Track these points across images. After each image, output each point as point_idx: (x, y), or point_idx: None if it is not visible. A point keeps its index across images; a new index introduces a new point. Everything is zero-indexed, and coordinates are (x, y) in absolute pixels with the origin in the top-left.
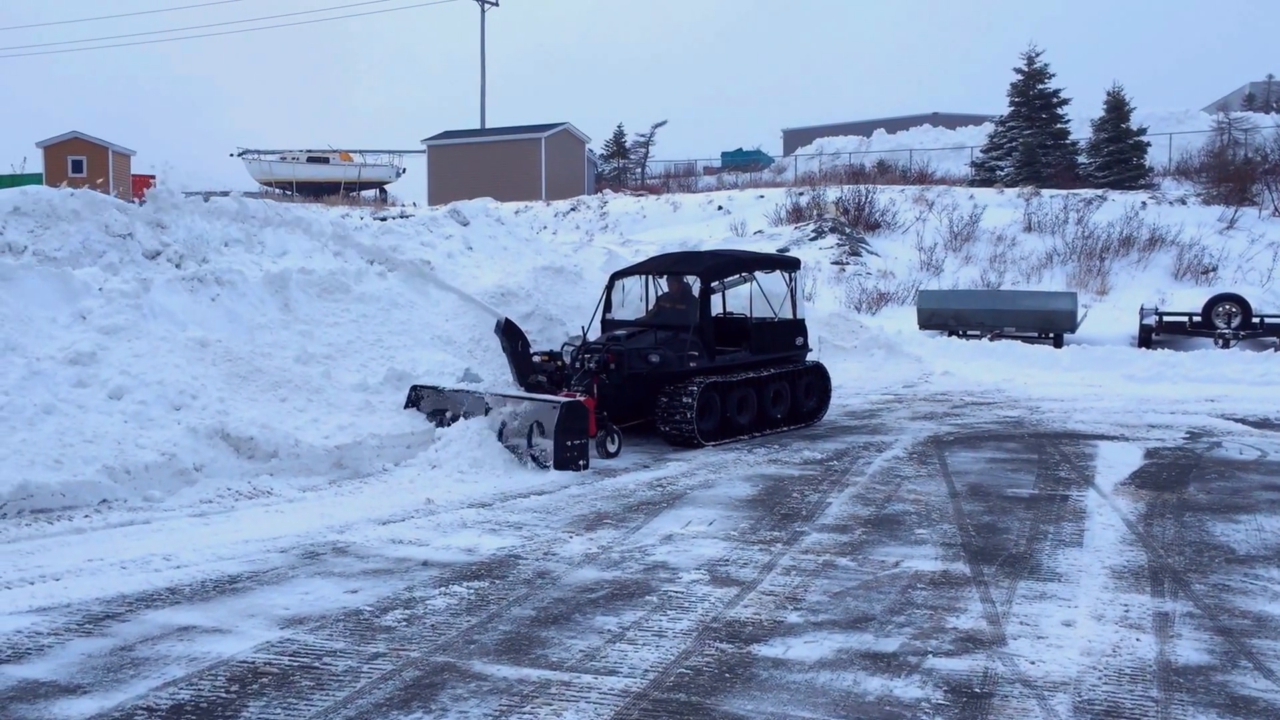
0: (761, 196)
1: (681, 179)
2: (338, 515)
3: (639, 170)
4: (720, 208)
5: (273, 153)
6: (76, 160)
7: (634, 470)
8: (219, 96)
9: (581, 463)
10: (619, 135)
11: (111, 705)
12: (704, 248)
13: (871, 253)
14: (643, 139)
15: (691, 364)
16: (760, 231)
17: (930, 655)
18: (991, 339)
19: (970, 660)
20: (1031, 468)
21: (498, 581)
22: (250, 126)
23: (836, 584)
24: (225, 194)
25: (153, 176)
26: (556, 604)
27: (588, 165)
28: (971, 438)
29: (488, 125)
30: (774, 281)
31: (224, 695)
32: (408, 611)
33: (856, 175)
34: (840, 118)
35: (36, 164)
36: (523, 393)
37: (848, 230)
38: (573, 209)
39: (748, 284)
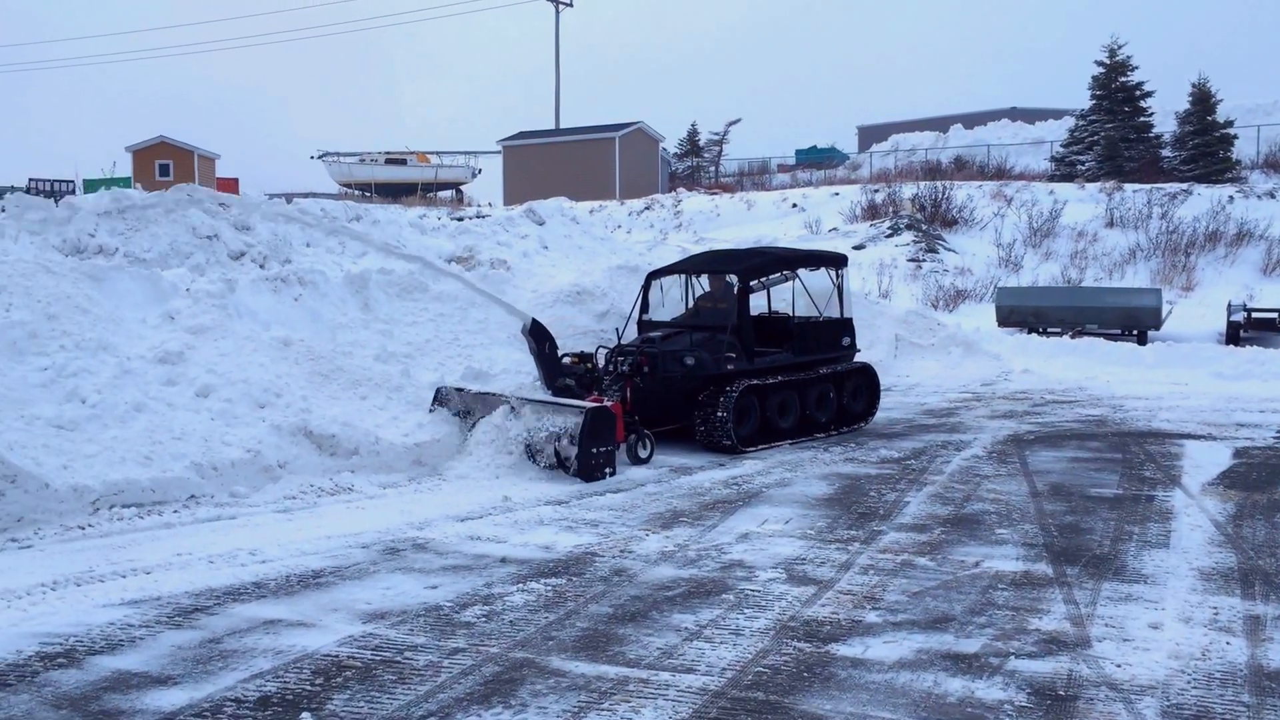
0: (836, 194)
1: (755, 177)
2: (417, 512)
3: (713, 168)
4: (795, 205)
5: (352, 155)
6: (164, 164)
7: (709, 468)
8: (300, 100)
9: (608, 470)
10: (693, 134)
11: (201, 696)
12: (770, 245)
13: (948, 249)
14: (716, 137)
15: (729, 366)
16: (835, 229)
17: (1013, 657)
18: (1073, 336)
19: (1054, 662)
20: (1115, 467)
21: (575, 579)
22: (330, 129)
23: (915, 584)
24: (307, 196)
25: (236, 180)
26: (633, 601)
27: (662, 164)
28: (1053, 436)
29: (562, 125)
30: (820, 279)
31: (309, 688)
32: (487, 608)
33: (933, 171)
34: (916, 113)
35: (125, 168)
36: (548, 397)
37: (924, 227)
38: (647, 208)
39: (794, 282)
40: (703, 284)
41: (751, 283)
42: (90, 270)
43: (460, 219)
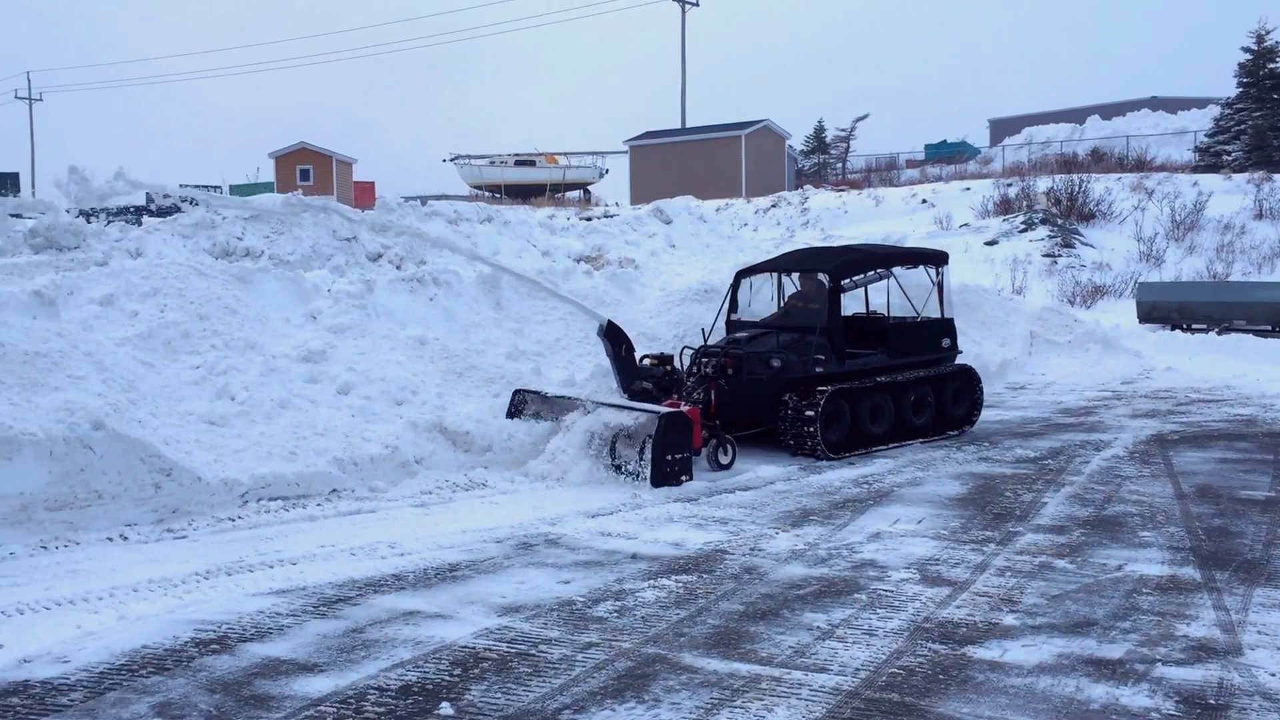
0: (967, 189)
1: (883, 173)
2: (548, 508)
3: (840, 165)
4: (924, 201)
5: (482, 157)
6: (304, 169)
7: (839, 467)
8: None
9: (684, 478)
10: (819, 130)
11: (345, 684)
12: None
13: (1085, 244)
14: (843, 133)
15: (818, 369)
16: (966, 224)
17: (1159, 663)
18: (1219, 333)
19: (1203, 670)
20: (1266, 469)
21: (705, 576)
22: (462, 132)
23: (1055, 586)
24: (440, 198)
25: (373, 183)
26: (764, 599)
27: (788, 161)
28: (1199, 436)
29: (688, 124)
30: (920, 278)
31: (448, 678)
32: (618, 603)
33: (1068, 164)
34: (1050, 105)
35: (269, 173)
36: (623, 401)
37: (1060, 221)
38: (773, 205)
39: (894, 280)
40: (794, 283)
41: (843, 282)
42: (238, 272)
43: (588, 219)
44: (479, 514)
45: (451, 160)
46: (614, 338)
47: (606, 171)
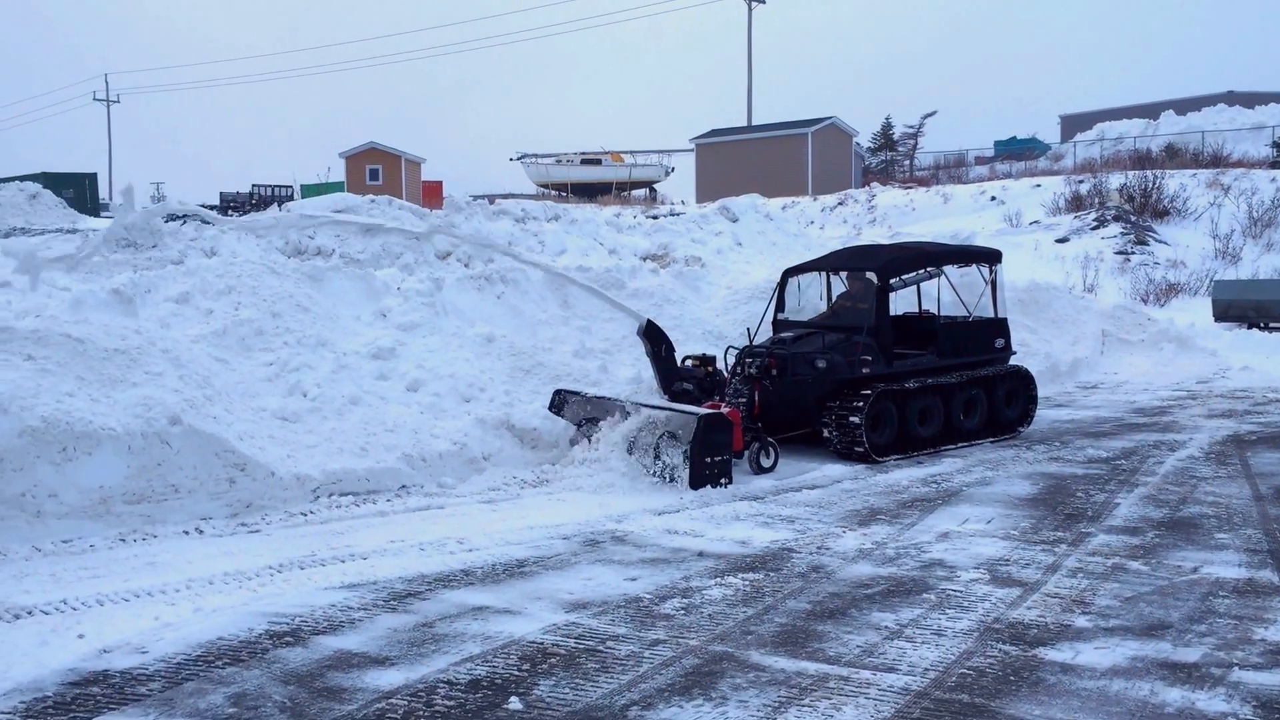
0: (1038, 185)
1: (952, 170)
2: (615, 505)
3: (907, 162)
4: (993, 198)
5: (549, 156)
6: (373, 169)
7: (906, 466)
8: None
9: (724, 481)
10: (887, 127)
11: (416, 678)
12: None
13: (1159, 241)
14: (911, 130)
15: (864, 370)
16: (1036, 221)
17: (1237, 668)
18: None
19: None
20: None
21: (772, 574)
22: (528, 131)
23: (1128, 588)
24: (507, 197)
25: (440, 182)
26: (832, 598)
27: (855, 159)
28: (1277, 437)
29: (754, 122)
30: (973, 277)
31: (516, 673)
32: (685, 600)
33: (1142, 160)
34: (1123, 100)
35: (339, 173)
36: (662, 402)
37: (1133, 218)
38: (840, 203)
39: (948, 279)
40: (843, 282)
41: (892, 280)
42: (310, 271)
43: (654, 217)
44: (546, 511)
45: (518, 159)
46: (653, 337)
47: (672, 170)
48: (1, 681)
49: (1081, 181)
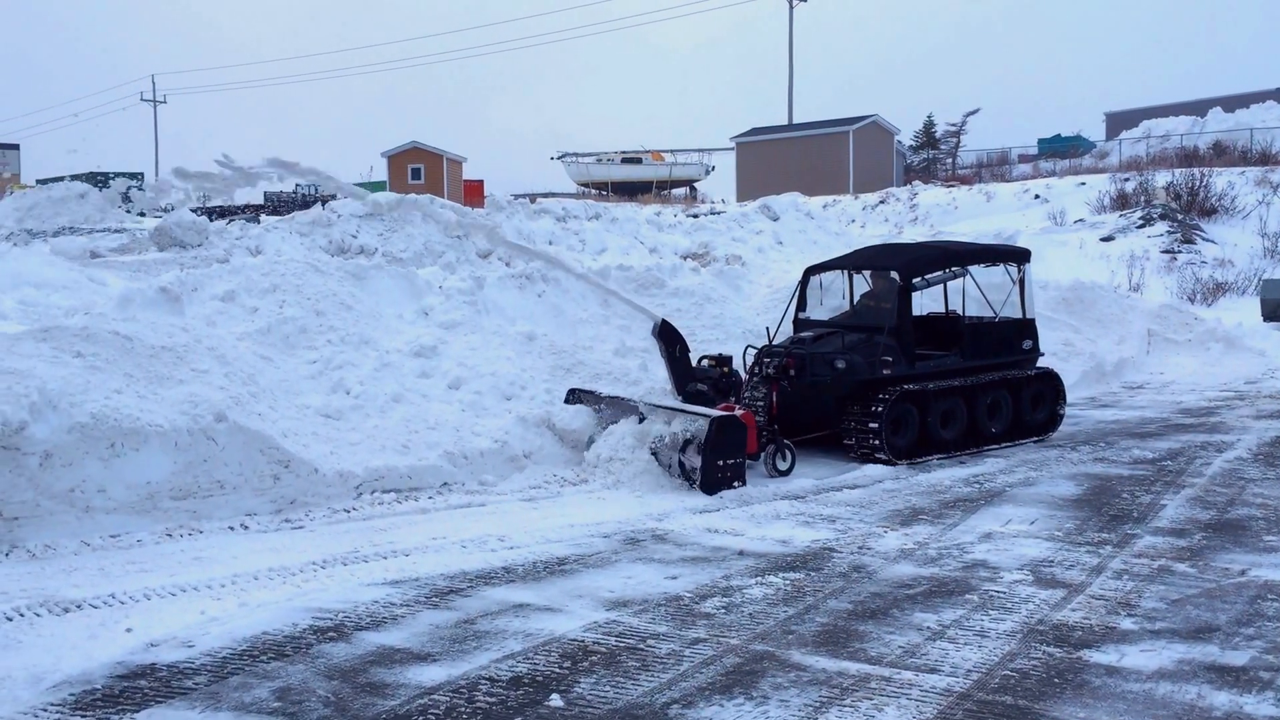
0: (1082, 183)
1: (995, 168)
2: (655, 504)
3: (950, 160)
4: (1037, 196)
5: (589, 155)
6: (415, 168)
7: (949, 465)
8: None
9: (737, 484)
10: (929, 125)
11: (458, 674)
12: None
13: (1207, 240)
14: (954, 128)
15: (885, 371)
16: (1081, 220)
17: None
18: None
19: None
20: None
21: (813, 574)
22: (568, 130)
23: (1174, 590)
24: (548, 196)
25: (481, 181)
26: (873, 598)
27: (896, 157)
28: None
29: (795, 120)
30: (999, 276)
31: (557, 670)
32: (726, 599)
33: (1189, 158)
34: (1170, 97)
35: (381, 172)
36: (676, 403)
37: (1179, 216)
38: (881, 202)
39: (974, 279)
40: (867, 281)
41: (914, 280)
42: (353, 269)
43: (695, 216)
44: (586, 509)
45: (558, 158)
46: (668, 338)
47: (713, 168)
48: (51, 674)
49: (1127, 179)
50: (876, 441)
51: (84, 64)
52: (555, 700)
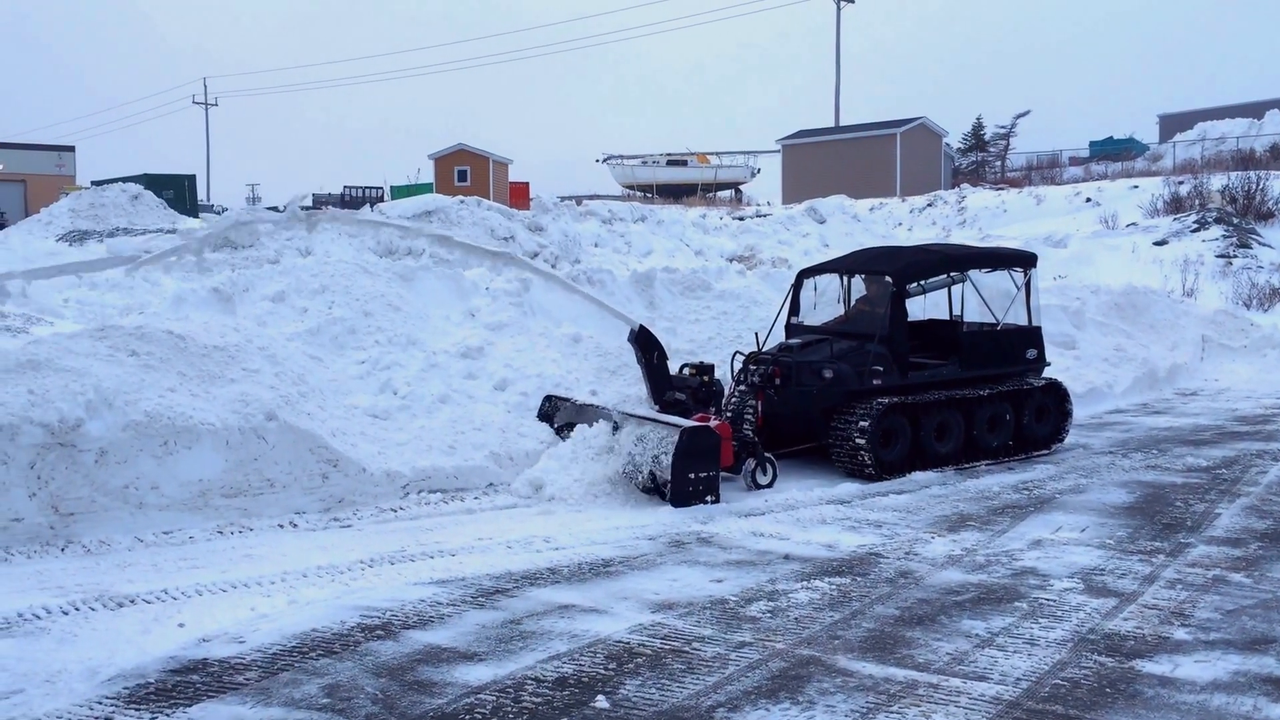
0: (1135, 187)
1: (1045, 171)
2: (700, 506)
3: (999, 163)
4: (1088, 200)
5: (634, 157)
6: (462, 170)
7: (998, 472)
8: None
9: (709, 499)
10: (978, 127)
11: (504, 674)
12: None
13: (1263, 244)
14: (1003, 130)
15: (875, 381)
16: (1134, 224)
17: None
18: None
19: None
20: None
21: (859, 579)
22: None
23: (1229, 601)
24: (593, 198)
25: (527, 184)
26: (920, 604)
27: (944, 160)
28: None
29: (842, 122)
30: (1004, 281)
31: (603, 671)
32: (771, 603)
33: (1245, 161)
34: (1226, 99)
35: (428, 174)
36: (649, 412)
37: (1235, 220)
38: (929, 204)
39: (985, 284)
40: (862, 285)
41: (909, 285)
42: (401, 270)
43: (741, 218)
44: (631, 511)
45: (604, 160)
46: (644, 344)
47: (758, 171)
48: (106, 667)
49: (1181, 183)
50: (864, 455)
51: (138, 67)
52: (601, 702)
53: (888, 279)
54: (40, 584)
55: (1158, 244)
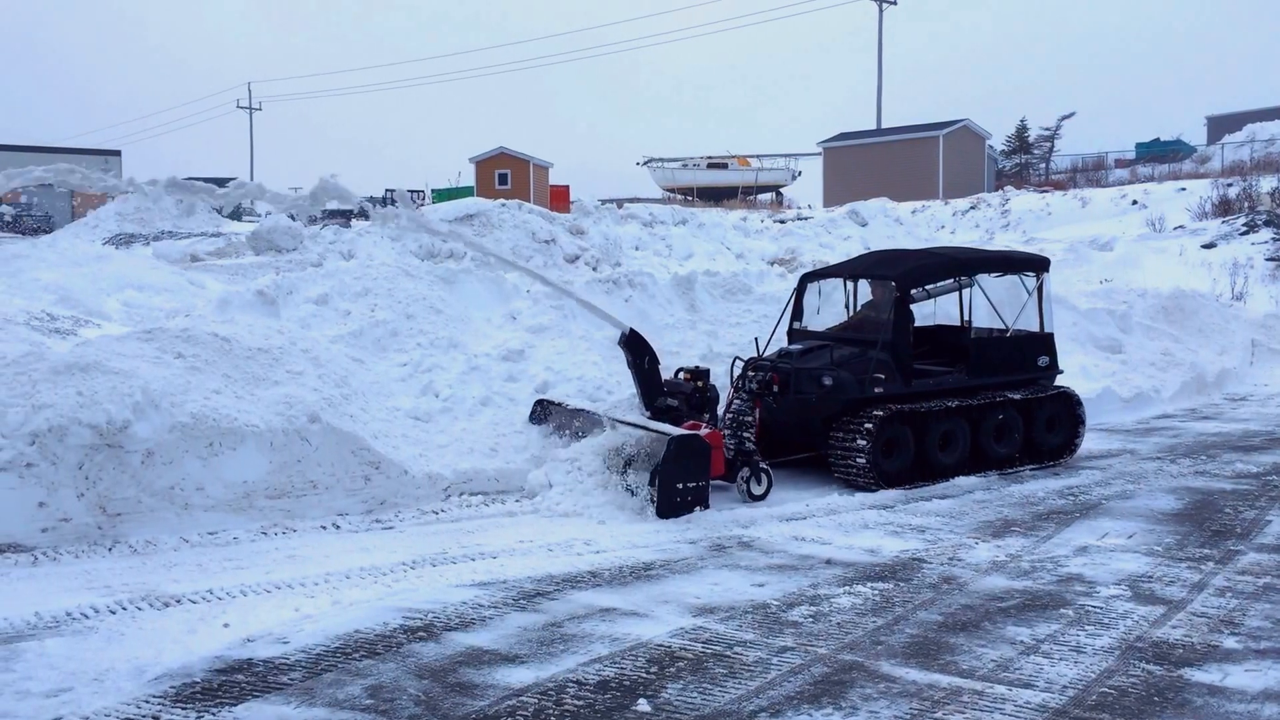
0: (1183, 189)
1: (1090, 173)
2: (742, 510)
3: (1043, 165)
4: (1134, 202)
5: (675, 160)
6: (502, 173)
7: (1042, 477)
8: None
9: (698, 509)
10: (1021, 129)
11: (545, 676)
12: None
13: None
14: (1048, 132)
15: (876, 389)
16: (1181, 226)
17: None
18: None
19: None
20: None
21: (902, 584)
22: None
23: None
24: (634, 201)
25: (567, 187)
26: (964, 610)
27: (987, 162)
28: None
29: (884, 125)
30: (1015, 286)
31: (644, 675)
32: (813, 608)
33: None
34: (1275, 100)
35: (469, 177)
36: (638, 419)
37: None
38: (972, 207)
39: (996, 289)
40: (868, 290)
41: (913, 290)
42: (443, 273)
43: (781, 221)
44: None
45: (644, 163)
46: (635, 348)
47: (799, 173)
48: (153, 666)
49: (1230, 185)
50: (865, 465)
51: (183, 73)
52: (643, 705)
53: (891, 283)
54: (88, 583)
55: (1206, 247)
